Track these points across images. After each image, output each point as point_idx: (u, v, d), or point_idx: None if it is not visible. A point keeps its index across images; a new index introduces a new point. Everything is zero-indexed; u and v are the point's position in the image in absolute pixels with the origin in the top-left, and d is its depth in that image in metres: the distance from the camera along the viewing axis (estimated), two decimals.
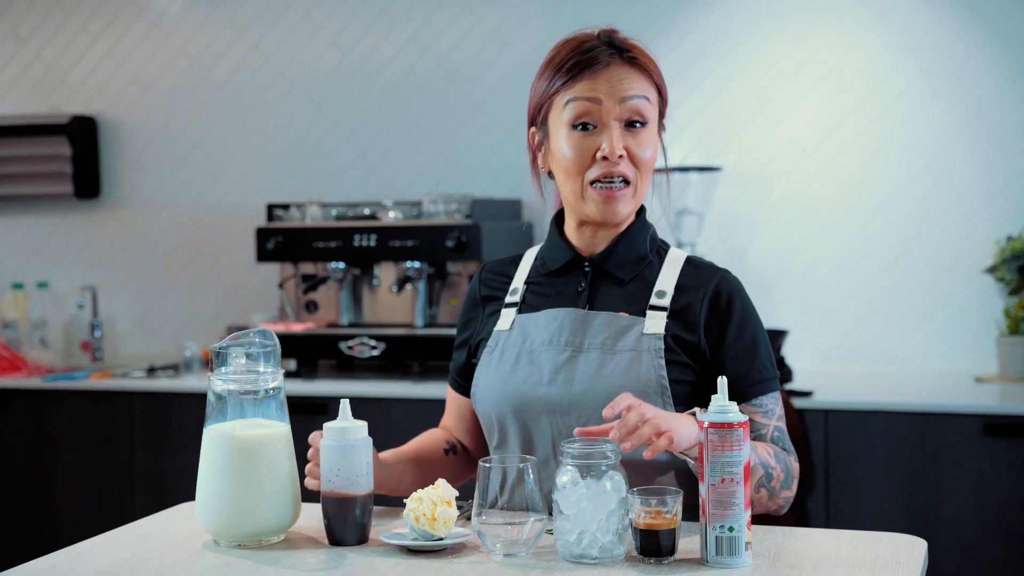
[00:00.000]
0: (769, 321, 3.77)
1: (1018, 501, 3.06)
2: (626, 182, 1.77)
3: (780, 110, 3.83)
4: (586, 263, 1.84)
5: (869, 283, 3.77)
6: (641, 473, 1.73)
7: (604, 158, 1.74)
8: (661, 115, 1.82)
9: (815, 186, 3.80)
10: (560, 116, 1.77)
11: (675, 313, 1.77)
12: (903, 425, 3.14)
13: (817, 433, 3.20)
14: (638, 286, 1.81)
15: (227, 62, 4.33)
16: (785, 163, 3.83)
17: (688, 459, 1.63)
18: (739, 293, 1.80)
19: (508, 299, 1.88)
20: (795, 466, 1.77)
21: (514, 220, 3.91)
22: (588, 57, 1.76)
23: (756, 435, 1.75)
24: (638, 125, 1.76)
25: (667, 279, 1.80)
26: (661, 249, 1.86)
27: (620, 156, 1.75)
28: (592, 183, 1.77)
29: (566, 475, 1.52)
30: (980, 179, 3.67)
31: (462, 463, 1.96)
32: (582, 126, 1.76)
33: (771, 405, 1.77)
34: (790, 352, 3.71)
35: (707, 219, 3.83)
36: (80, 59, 4.47)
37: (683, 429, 1.56)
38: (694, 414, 1.60)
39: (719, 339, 1.77)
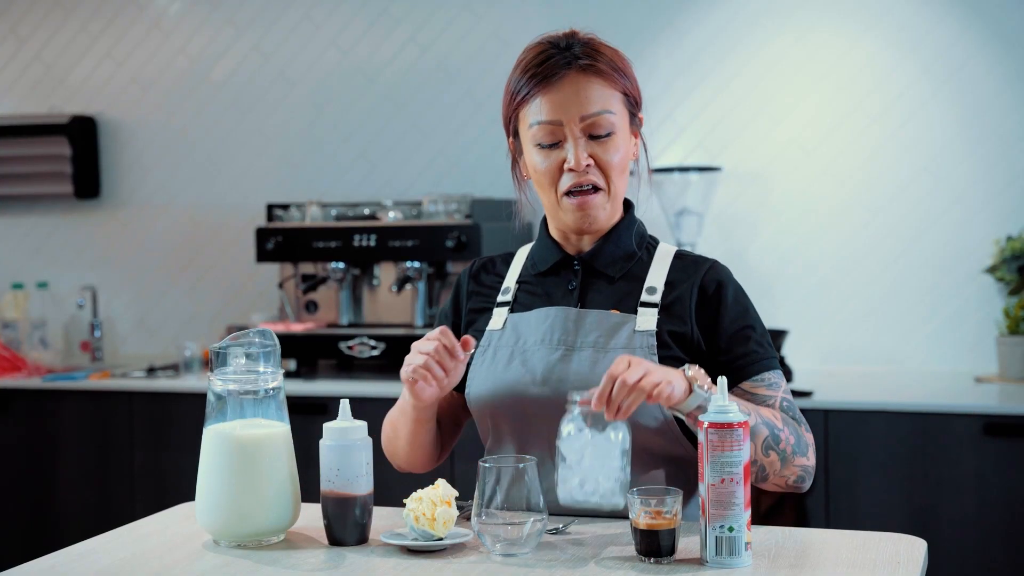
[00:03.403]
0: (769, 321, 3.77)
1: (1018, 501, 3.06)
2: (597, 189, 1.77)
3: (780, 110, 3.83)
4: (575, 262, 1.85)
5: (869, 283, 3.77)
6: (640, 462, 1.73)
7: (571, 169, 1.75)
8: (633, 114, 1.81)
9: (815, 186, 3.80)
10: (526, 133, 1.79)
11: (666, 308, 1.77)
12: (903, 425, 3.14)
13: (817, 433, 3.20)
14: (628, 283, 1.81)
15: (227, 62, 4.33)
16: (785, 163, 3.83)
17: (679, 414, 1.63)
18: (728, 280, 1.81)
19: (500, 298, 1.88)
20: (808, 436, 1.74)
21: (514, 220, 3.90)
22: (543, 70, 1.75)
23: (763, 405, 1.73)
24: (603, 136, 1.76)
25: (657, 275, 1.81)
26: (650, 245, 1.87)
27: (587, 166, 1.75)
28: (566, 194, 1.77)
29: (571, 424, 1.56)
30: (980, 179, 3.67)
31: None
32: (547, 145, 1.76)
33: (775, 379, 1.75)
34: (790, 352, 3.71)
35: (707, 219, 3.83)
36: (80, 59, 4.47)
37: (671, 373, 1.58)
38: (684, 371, 1.61)
39: (713, 326, 1.77)
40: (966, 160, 3.68)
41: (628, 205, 1.87)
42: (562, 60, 1.75)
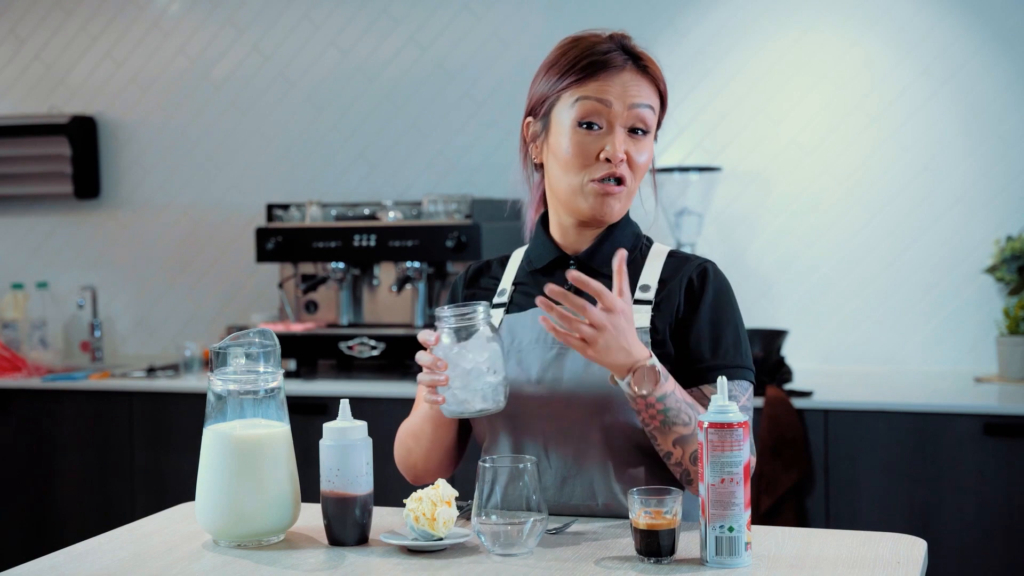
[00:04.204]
0: (769, 321, 3.78)
1: (1018, 501, 3.06)
2: (621, 183, 1.78)
3: (780, 110, 3.83)
4: (571, 261, 1.85)
5: (869, 283, 3.77)
6: (623, 456, 1.74)
7: (607, 160, 1.76)
8: (658, 124, 1.84)
9: (815, 186, 3.81)
10: (567, 112, 1.78)
11: (658, 306, 1.79)
12: (903, 425, 3.14)
13: (817, 433, 3.20)
14: None
15: (227, 62, 4.33)
16: (785, 163, 3.83)
17: (621, 385, 1.64)
18: (714, 280, 1.81)
19: (496, 299, 1.89)
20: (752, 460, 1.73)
21: (514, 220, 3.91)
22: (604, 59, 1.78)
23: None
24: (640, 132, 1.79)
25: (651, 273, 1.82)
26: (645, 245, 1.88)
27: (621, 160, 1.76)
28: (593, 180, 1.78)
29: (442, 336, 1.66)
30: (980, 179, 3.67)
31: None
32: (587, 125, 1.77)
33: (735, 391, 1.75)
34: (790, 352, 3.71)
35: (707, 219, 3.83)
36: (80, 59, 4.47)
37: (610, 352, 1.60)
38: (644, 361, 1.63)
39: (688, 322, 1.78)
40: (966, 160, 3.68)
41: None
42: (620, 57, 1.79)
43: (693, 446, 1.66)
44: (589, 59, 1.78)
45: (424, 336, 1.69)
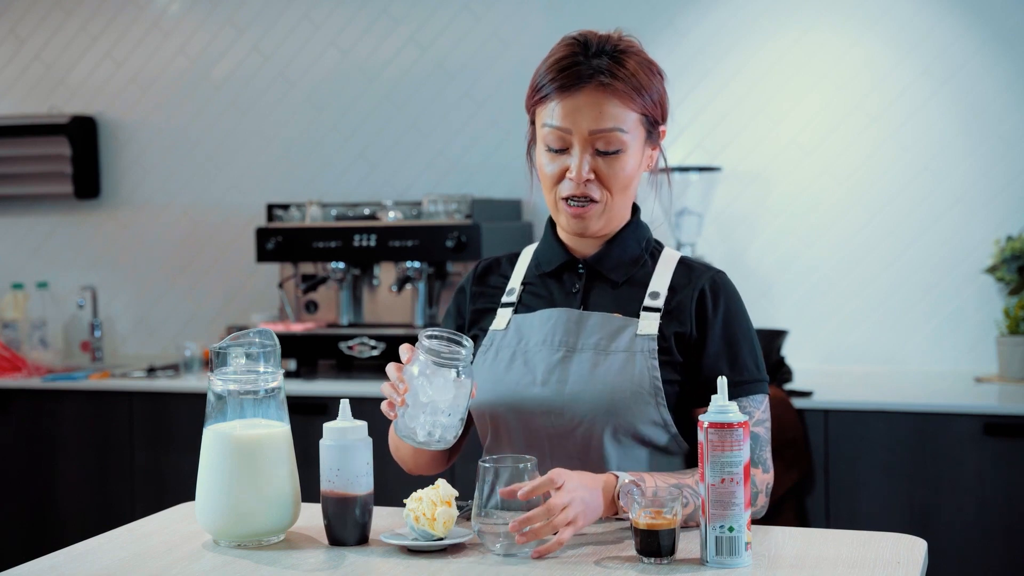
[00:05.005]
0: (769, 321, 3.78)
1: (1018, 501, 3.06)
2: (593, 201, 1.77)
3: (780, 110, 3.83)
4: (580, 264, 1.85)
5: (869, 283, 3.77)
6: (630, 452, 1.75)
7: (571, 178, 1.76)
8: (650, 132, 1.79)
9: (815, 186, 3.81)
10: (540, 130, 1.79)
11: (668, 314, 1.78)
12: (903, 425, 3.14)
13: (817, 433, 3.20)
14: (632, 287, 1.82)
15: (227, 62, 4.33)
16: (785, 163, 3.83)
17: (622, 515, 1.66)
18: (726, 293, 1.81)
19: (505, 299, 1.89)
20: (762, 477, 1.73)
21: (514, 220, 3.91)
22: (562, 77, 1.74)
23: None
24: (610, 152, 1.75)
25: (660, 280, 1.81)
26: (655, 250, 1.87)
27: (588, 180, 1.75)
28: (563, 199, 1.78)
29: (414, 365, 1.65)
30: (980, 179, 3.67)
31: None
32: (553, 148, 1.77)
33: (750, 408, 1.76)
34: (790, 352, 3.71)
35: (707, 219, 3.83)
36: (80, 59, 4.47)
37: (590, 512, 1.59)
38: (615, 484, 1.64)
39: (702, 338, 1.77)
40: (966, 160, 3.68)
41: (635, 208, 1.87)
42: (585, 71, 1.73)
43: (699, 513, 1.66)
44: (551, 75, 1.75)
45: (402, 350, 1.69)
